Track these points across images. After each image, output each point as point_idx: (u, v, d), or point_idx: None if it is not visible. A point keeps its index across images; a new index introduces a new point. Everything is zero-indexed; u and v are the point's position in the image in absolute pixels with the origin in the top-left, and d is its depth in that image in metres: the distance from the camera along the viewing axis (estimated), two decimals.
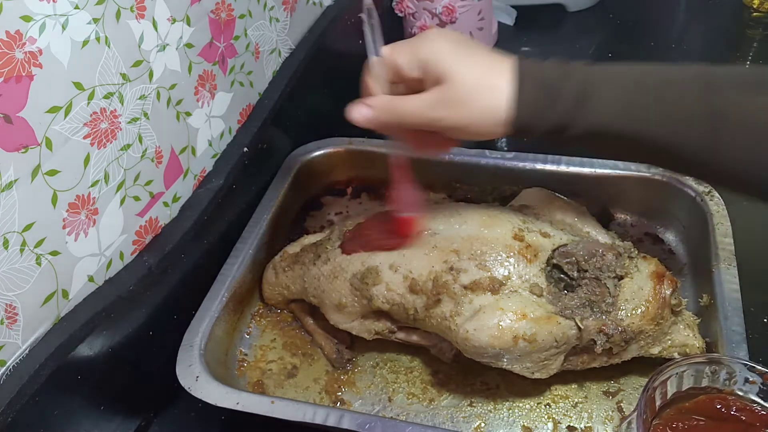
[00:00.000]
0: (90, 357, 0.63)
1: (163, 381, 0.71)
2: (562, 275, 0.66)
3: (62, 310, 0.62)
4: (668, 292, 0.64)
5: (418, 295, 0.66)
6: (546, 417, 0.67)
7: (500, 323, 0.61)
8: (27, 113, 0.54)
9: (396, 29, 1.19)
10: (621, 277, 0.65)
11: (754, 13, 1.20)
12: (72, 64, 0.57)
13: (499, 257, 0.65)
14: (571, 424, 0.66)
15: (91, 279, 0.64)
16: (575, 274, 0.65)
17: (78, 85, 0.59)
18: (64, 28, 0.56)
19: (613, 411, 0.67)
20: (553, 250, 0.66)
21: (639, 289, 0.64)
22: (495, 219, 0.68)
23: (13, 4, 0.52)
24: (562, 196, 0.75)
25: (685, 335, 0.66)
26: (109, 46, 0.61)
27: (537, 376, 0.64)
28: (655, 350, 0.66)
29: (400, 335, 0.71)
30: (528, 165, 0.84)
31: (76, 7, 0.57)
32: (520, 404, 0.69)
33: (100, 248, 0.65)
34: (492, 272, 0.64)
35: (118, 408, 0.68)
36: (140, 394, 0.70)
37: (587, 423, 0.66)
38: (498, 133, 0.57)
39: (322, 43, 0.99)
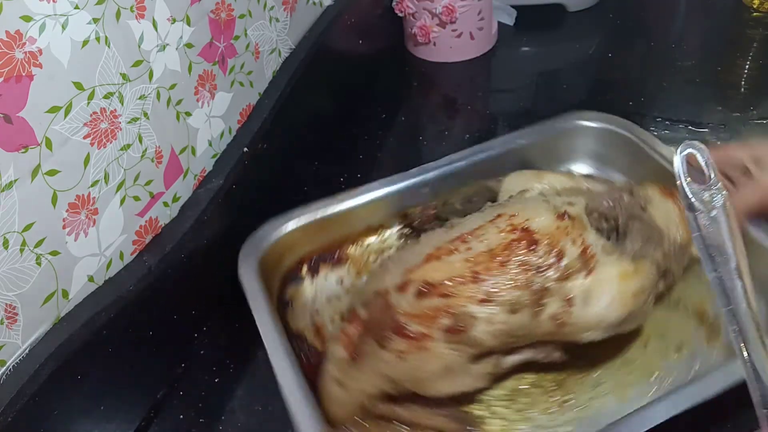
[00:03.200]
0: (90, 357, 0.63)
1: (164, 381, 0.71)
2: (608, 231, 0.68)
3: (62, 310, 0.62)
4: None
5: (521, 312, 0.62)
6: None
7: (616, 292, 0.63)
8: (27, 113, 0.54)
9: (396, 29, 1.19)
10: (644, 209, 0.68)
11: (754, 13, 1.20)
12: (72, 64, 0.57)
13: (563, 240, 0.65)
14: None
15: (91, 279, 0.64)
16: (619, 222, 0.67)
17: (78, 85, 0.59)
18: (64, 28, 0.56)
19: None
20: (587, 215, 0.68)
21: (665, 212, 0.69)
22: (527, 211, 0.67)
23: (13, 4, 0.52)
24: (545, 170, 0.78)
25: None
26: (109, 46, 0.61)
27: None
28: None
29: (510, 361, 0.67)
30: (493, 153, 0.84)
31: (76, 7, 0.57)
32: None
33: (100, 248, 0.65)
34: (570, 255, 0.64)
35: (118, 408, 0.68)
36: (140, 393, 0.70)
37: None
38: None
39: (322, 43, 0.99)
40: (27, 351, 0.58)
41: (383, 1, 1.17)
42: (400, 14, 1.14)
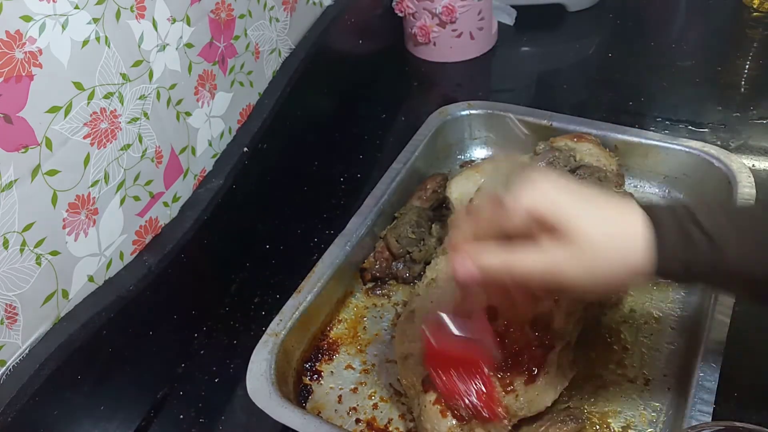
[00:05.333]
0: (90, 357, 0.63)
1: (164, 381, 0.71)
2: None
3: (62, 310, 0.62)
4: None
5: None
6: None
7: None
8: (27, 113, 0.54)
9: (396, 29, 1.19)
10: (575, 157, 0.79)
11: (754, 13, 1.20)
12: (72, 64, 0.57)
13: None
14: None
15: (91, 279, 0.64)
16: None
17: (78, 85, 0.59)
18: (64, 28, 0.56)
19: None
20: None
21: (588, 152, 0.79)
22: None
23: (13, 4, 0.52)
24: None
25: None
26: (109, 46, 0.61)
27: None
28: None
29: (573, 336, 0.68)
30: (401, 174, 0.85)
31: (76, 7, 0.57)
32: None
33: (100, 248, 0.65)
34: None
35: (118, 408, 0.68)
36: (140, 393, 0.70)
37: None
38: (624, 286, 0.53)
39: (322, 43, 0.99)
40: (27, 351, 0.58)
41: (383, 1, 1.17)
42: (400, 14, 1.14)
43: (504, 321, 0.61)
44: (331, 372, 0.72)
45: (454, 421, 0.59)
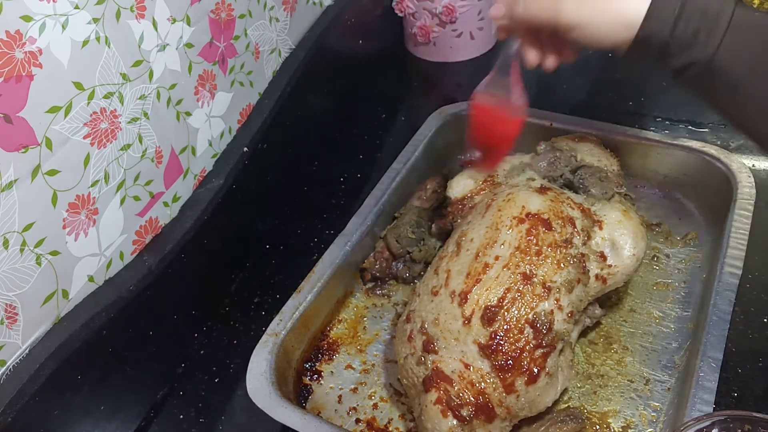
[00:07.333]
0: (90, 357, 0.63)
1: (164, 381, 0.71)
2: (566, 186, 0.77)
3: (62, 310, 0.62)
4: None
5: (576, 287, 0.64)
6: None
7: (631, 229, 0.68)
8: (27, 113, 0.54)
9: (396, 29, 1.19)
10: (576, 158, 0.79)
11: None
12: (72, 64, 0.58)
13: (563, 208, 0.67)
14: None
15: (91, 279, 0.64)
16: (567, 176, 0.77)
17: (78, 85, 0.59)
18: (64, 28, 0.56)
19: None
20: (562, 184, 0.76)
21: (589, 152, 0.79)
22: (517, 200, 0.68)
23: (13, 4, 0.52)
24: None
25: None
26: (109, 46, 0.61)
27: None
28: None
29: (573, 337, 0.68)
30: (401, 174, 0.85)
31: (76, 7, 0.57)
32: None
33: (100, 248, 0.65)
34: (577, 217, 0.67)
35: (118, 408, 0.68)
36: (140, 393, 0.70)
37: None
38: (619, 40, 0.57)
39: (322, 43, 0.99)
40: (27, 351, 0.58)
41: (383, 1, 1.17)
42: (400, 14, 1.14)
43: (504, 322, 0.61)
44: (331, 372, 0.72)
45: (454, 421, 0.59)
